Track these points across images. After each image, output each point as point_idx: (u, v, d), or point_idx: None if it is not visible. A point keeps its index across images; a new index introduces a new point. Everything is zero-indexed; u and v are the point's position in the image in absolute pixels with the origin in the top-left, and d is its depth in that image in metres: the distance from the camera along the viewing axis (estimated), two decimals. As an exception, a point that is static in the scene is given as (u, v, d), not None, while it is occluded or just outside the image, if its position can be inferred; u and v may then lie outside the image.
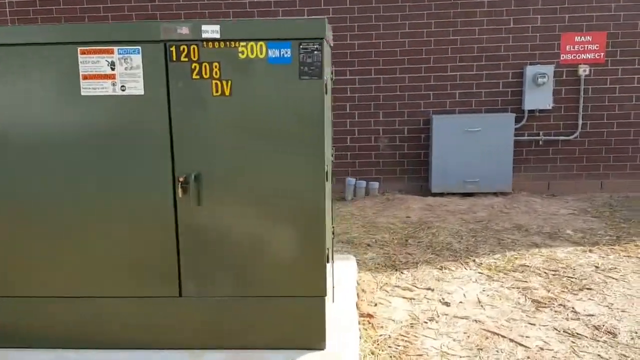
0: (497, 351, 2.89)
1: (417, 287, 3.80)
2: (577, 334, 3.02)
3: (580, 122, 6.94)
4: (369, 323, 3.22)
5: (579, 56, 6.84)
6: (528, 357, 2.81)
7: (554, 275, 3.90)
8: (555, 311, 3.32)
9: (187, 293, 2.65)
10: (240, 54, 2.45)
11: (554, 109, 6.99)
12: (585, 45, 6.81)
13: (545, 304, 3.42)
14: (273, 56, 2.44)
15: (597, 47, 6.79)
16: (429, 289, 3.77)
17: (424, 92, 7.15)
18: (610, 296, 3.47)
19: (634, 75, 6.83)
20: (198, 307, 2.65)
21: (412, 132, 7.26)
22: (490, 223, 5.44)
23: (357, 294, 3.57)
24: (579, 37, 6.81)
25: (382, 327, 3.21)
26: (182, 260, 2.62)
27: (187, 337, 2.67)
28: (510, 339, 3.00)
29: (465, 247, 4.65)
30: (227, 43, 2.44)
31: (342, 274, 3.70)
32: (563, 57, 6.86)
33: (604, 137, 7.02)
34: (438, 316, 3.34)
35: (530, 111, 6.98)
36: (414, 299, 3.62)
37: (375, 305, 3.49)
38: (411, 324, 3.26)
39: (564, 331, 3.06)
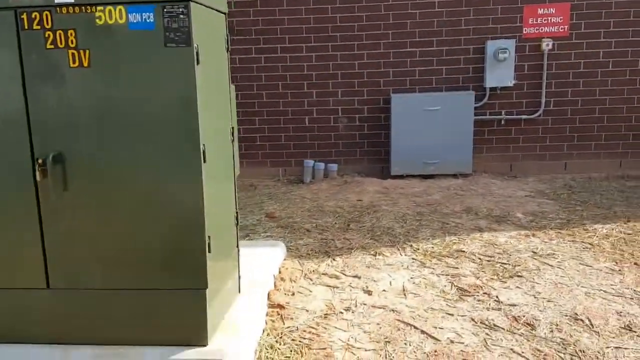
0: (406, 344, 2.68)
1: (344, 275, 3.58)
2: (494, 325, 2.81)
3: (543, 99, 6.69)
4: (278, 314, 3.00)
5: (542, 29, 6.56)
6: (435, 351, 2.59)
7: (488, 261, 3.68)
8: (478, 300, 3.10)
9: (55, 285, 2.41)
10: (97, 20, 2.18)
11: (516, 86, 6.73)
12: (549, 18, 6.53)
13: (470, 292, 3.20)
14: (134, 21, 2.17)
15: (561, 19, 6.51)
16: (356, 276, 3.55)
17: (383, 69, 6.87)
18: (539, 284, 3.26)
19: (599, 49, 6.56)
20: (67, 300, 2.41)
21: (372, 111, 7.00)
22: (440, 206, 5.21)
23: (275, 284, 3.35)
24: (542, 10, 6.52)
25: (291, 318, 2.99)
26: (47, 249, 2.38)
27: (56, 331, 2.43)
28: (422, 331, 2.79)
29: (406, 231, 4.42)
30: (83, 8, 2.16)
31: (263, 262, 3.47)
32: (526, 30, 6.58)
33: (567, 115, 6.78)
34: (356, 306, 3.12)
35: (492, 89, 6.72)
36: (337, 287, 3.40)
37: (293, 294, 3.27)
38: (325, 314, 3.04)
39: (481, 322, 2.84)
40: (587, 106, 6.71)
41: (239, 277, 2.99)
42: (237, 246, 2.95)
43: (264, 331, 2.84)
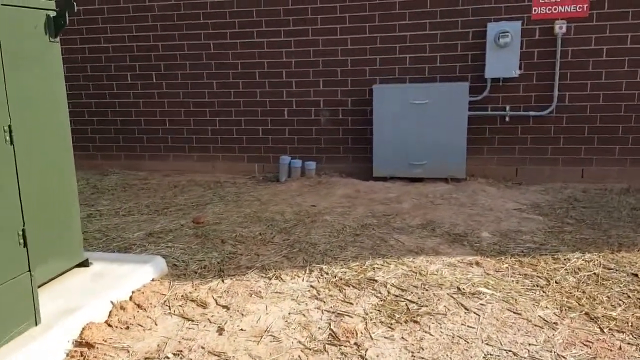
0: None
1: (216, 303, 2.92)
2: (332, 398, 2.05)
3: (556, 93, 5.63)
4: (82, 356, 2.38)
5: (555, 9, 5.50)
6: None
7: (395, 297, 2.88)
8: (341, 354, 2.34)
9: None
10: None
11: (523, 77, 5.71)
12: (565, -3, 5.46)
13: (340, 341, 2.44)
14: None
15: (579, -1, 5.43)
16: (226, 307, 2.87)
17: (369, 56, 6.06)
18: (432, 337, 2.44)
19: (627, 32, 5.42)
20: None
21: (357, 104, 6.21)
22: (397, 218, 4.40)
23: (112, 312, 2.73)
24: (554, -13, 5.47)
25: (99, 362, 2.36)
26: None
27: None
28: (236, 398, 2.08)
29: (330, 249, 3.67)
30: None
31: (106, 284, 2.87)
32: (535, 10, 5.55)
33: (586, 113, 5.68)
34: (189, 350, 2.45)
35: (494, 80, 5.75)
36: (193, 320, 2.74)
37: (127, 328, 2.64)
38: (145, 358, 2.39)
39: (317, 392, 2.09)
40: (610, 102, 5.59)
41: (35, 307, 2.39)
42: (30, 270, 2.35)
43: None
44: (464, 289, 2.94)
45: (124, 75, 6.76)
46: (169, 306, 2.89)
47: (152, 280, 3.15)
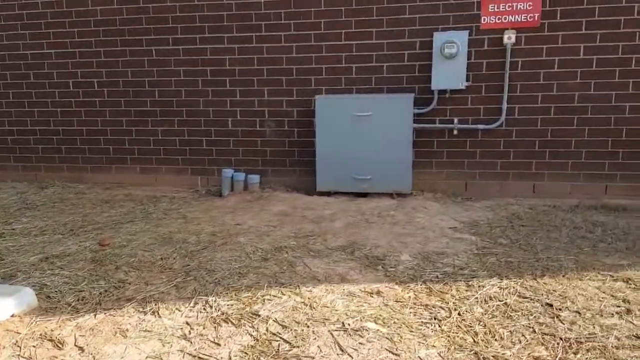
0: None
1: (74, 344, 2.62)
2: None
3: (504, 106, 5.36)
4: None
5: (505, 18, 5.24)
6: None
7: (272, 335, 2.59)
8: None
9: None
10: None
11: (471, 89, 5.44)
12: (514, 4, 5.20)
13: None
14: None
15: (530, 5, 5.16)
16: (81, 348, 2.58)
17: (315, 65, 5.79)
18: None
19: (579, 43, 5.16)
20: None
21: (303, 115, 5.94)
22: (319, 239, 4.11)
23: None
24: (502, -6, 5.21)
25: None
26: None
27: None
28: None
29: (228, 275, 3.38)
30: None
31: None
32: (484, 20, 5.28)
33: (537, 127, 5.41)
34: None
35: (441, 92, 5.47)
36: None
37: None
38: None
39: None
40: (562, 115, 5.32)
41: None
42: None
43: None
44: (349, 324, 2.65)
45: (66, 83, 6.48)
46: (20, 347, 2.59)
47: (12, 315, 2.85)
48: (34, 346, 2.60)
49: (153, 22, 6.07)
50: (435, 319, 2.73)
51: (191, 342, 2.57)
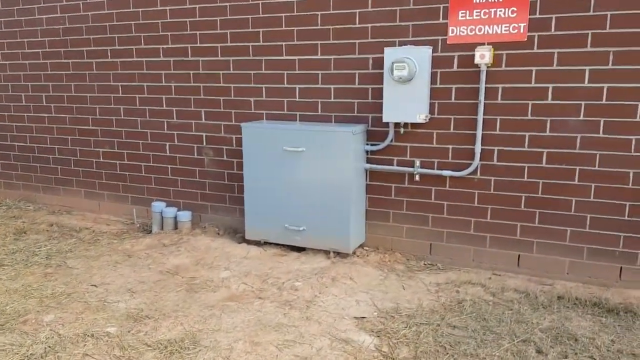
0: None
1: None
2: None
3: (478, 147, 3.98)
4: None
5: (480, 30, 3.86)
6: None
7: None
8: None
9: None
10: None
11: (436, 123, 4.12)
12: (492, 10, 3.81)
13: None
14: None
15: (513, 12, 3.75)
16: None
17: (254, 84, 4.75)
18: None
19: (584, 65, 3.65)
20: None
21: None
22: (152, 325, 3.09)
23: None
24: (474, -3, 3.84)
25: None
26: None
27: None
28: None
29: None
30: None
31: None
32: (453, 31, 3.94)
33: (523, 178, 3.97)
34: None
35: (399, 125, 4.20)
36: None
37: None
38: None
39: None
40: (559, 165, 3.84)
41: None
42: None
43: None
44: None
45: (18, 97, 6.00)
46: None
47: None
48: None
49: (92, 32, 5.36)
50: None
51: None
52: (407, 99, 4.02)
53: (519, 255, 4.04)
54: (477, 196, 4.09)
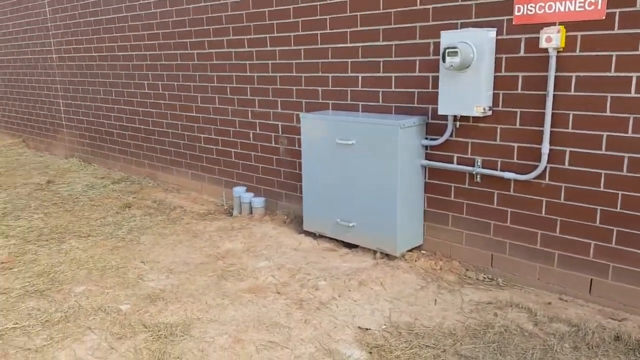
0: None
1: None
2: None
3: (546, 147, 3.38)
4: None
5: (550, 8, 3.25)
6: None
7: None
8: None
9: None
10: None
11: (500, 117, 3.60)
12: (566, -15, 3.18)
13: None
14: None
15: (592, -13, 3.09)
16: None
17: (321, 73, 4.66)
18: None
19: (678, 50, 2.85)
20: None
21: (315, 133, 4.86)
22: (160, 305, 3.24)
23: None
24: (537, -31, 3.22)
25: None
26: None
27: None
28: None
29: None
30: None
31: None
32: (519, 10, 3.38)
33: (599, 187, 3.27)
34: None
35: (459, 117, 3.77)
36: None
37: None
38: None
39: None
40: (642, 173, 3.08)
41: None
42: None
43: None
44: None
45: (142, 84, 6.70)
46: None
47: None
48: None
49: (193, 25, 5.73)
50: None
51: None
52: (463, 88, 3.55)
53: (591, 280, 3.35)
54: (544, 205, 3.47)
